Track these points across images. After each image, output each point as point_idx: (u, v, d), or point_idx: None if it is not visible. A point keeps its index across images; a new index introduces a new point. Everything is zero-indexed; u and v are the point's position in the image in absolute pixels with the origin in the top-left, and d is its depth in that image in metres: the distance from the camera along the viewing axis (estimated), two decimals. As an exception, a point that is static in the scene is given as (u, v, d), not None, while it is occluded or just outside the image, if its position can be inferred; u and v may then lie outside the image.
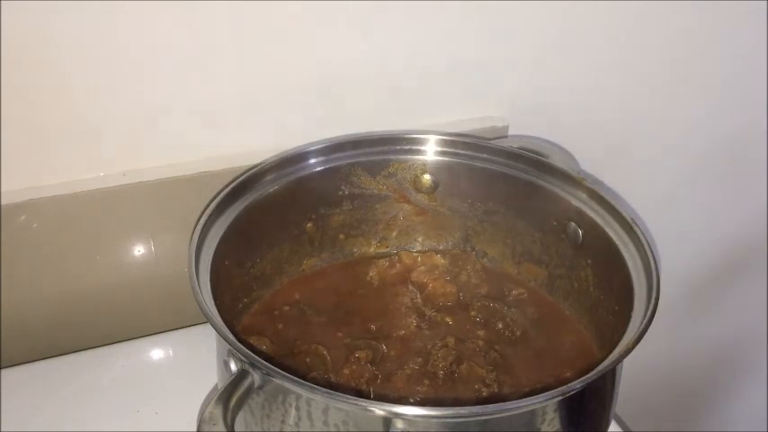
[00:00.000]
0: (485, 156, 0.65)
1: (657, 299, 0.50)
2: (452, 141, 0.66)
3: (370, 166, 0.65)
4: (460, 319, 0.61)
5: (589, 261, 0.61)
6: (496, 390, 0.55)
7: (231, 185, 0.59)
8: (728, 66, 0.87)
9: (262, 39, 0.64)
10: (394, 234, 0.69)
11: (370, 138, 0.66)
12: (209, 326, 0.47)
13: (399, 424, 0.43)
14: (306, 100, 0.69)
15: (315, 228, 0.66)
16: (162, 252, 0.68)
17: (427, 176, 0.67)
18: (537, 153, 0.64)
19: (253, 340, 0.57)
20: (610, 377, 0.51)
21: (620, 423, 0.63)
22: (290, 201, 0.63)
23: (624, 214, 0.57)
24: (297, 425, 0.46)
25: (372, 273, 0.66)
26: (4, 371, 0.63)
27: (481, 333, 0.60)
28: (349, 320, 0.61)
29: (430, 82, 0.73)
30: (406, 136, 0.66)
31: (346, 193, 0.66)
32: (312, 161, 0.63)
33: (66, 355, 0.65)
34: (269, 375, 0.44)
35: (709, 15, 0.82)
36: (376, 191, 0.67)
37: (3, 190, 0.62)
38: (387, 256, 0.68)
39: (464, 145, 0.65)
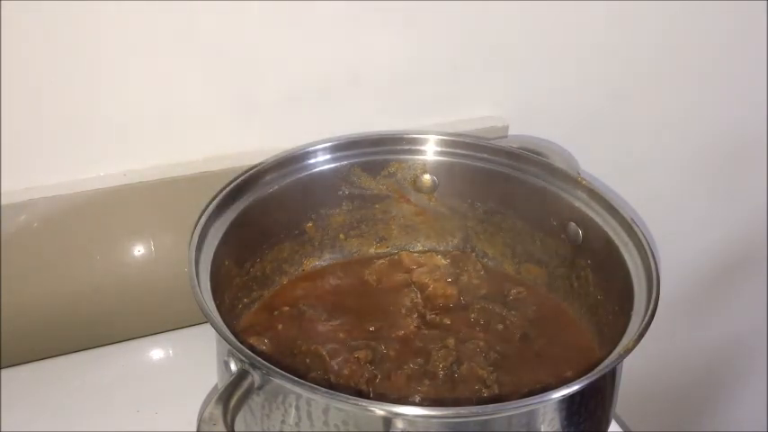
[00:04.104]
0: (485, 156, 0.65)
1: (657, 299, 0.50)
2: (452, 141, 0.66)
3: (370, 166, 0.65)
4: (461, 320, 0.61)
5: (589, 261, 0.61)
6: (497, 390, 0.55)
7: (231, 185, 0.59)
8: (728, 65, 0.87)
9: (262, 39, 0.64)
10: (394, 234, 0.69)
11: (370, 138, 0.66)
12: (209, 326, 0.47)
13: (399, 424, 0.43)
14: (306, 100, 0.69)
15: (315, 228, 0.66)
16: (162, 252, 0.68)
17: (427, 176, 0.67)
18: (537, 153, 0.64)
19: (252, 340, 0.57)
20: (610, 377, 0.51)
21: (620, 423, 0.63)
22: (290, 201, 0.63)
23: (624, 214, 0.57)
24: (297, 425, 0.46)
25: (372, 273, 0.66)
26: (4, 371, 0.63)
27: (481, 334, 0.60)
28: (349, 321, 0.61)
29: (430, 82, 0.73)
30: (406, 136, 0.66)
31: (346, 193, 0.66)
32: (312, 161, 0.63)
33: (66, 355, 0.65)
34: (269, 375, 0.44)
35: (709, 16, 0.82)
36: (376, 191, 0.67)
37: (3, 190, 0.62)
38: (387, 257, 0.68)
39: (464, 145, 0.65)
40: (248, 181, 0.60)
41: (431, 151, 0.66)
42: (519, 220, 0.66)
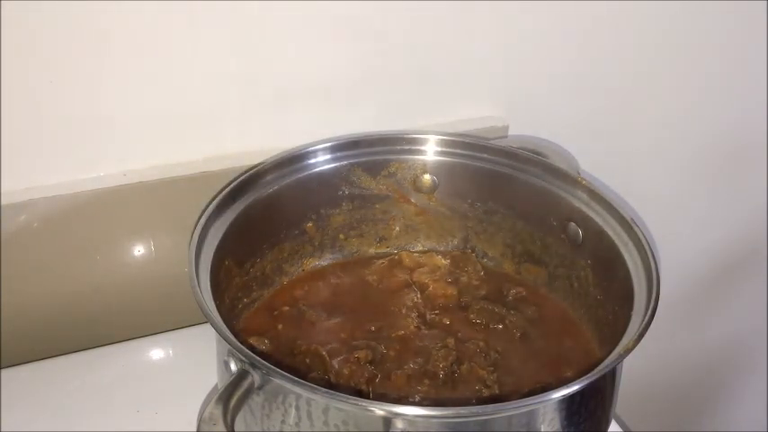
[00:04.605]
0: (485, 156, 0.65)
1: (657, 299, 0.50)
2: (452, 141, 0.66)
3: (370, 166, 0.65)
4: (461, 320, 0.61)
5: (589, 261, 0.61)
6: (497, 390, 0.55)
7: (231, 185, 0.59)
8: (728, 65, 0.87)
9: (262, 39, 0.64)
10: (394, 234, 0.69)
11: (370, 138, 0.66)
12: (209, 326, 0.47)
13: (399, 424, 0.43)
14: (305, 100, 0.69)
15: (315, 228, 0.66)
16: (162, 252, 0.68)
17: (427, 176, 0.67)
18: (537, 153, 0.64)
19: (253, 340, 0.57)
20: (610, 377, 0.51)
21: (620, 423, 0.63)
22: (290, 201, 0.63)
23: (624, 214, 0.57)
24: (297, 425, 0.46)
25: (372, 273, 0.66)
26: (4, 371, 0.63)
27: (481, 334, 0.60)
28: (349, 320, 0.61)
29: (430, 82, 0.73)
30: (406, 136, 0.66)
31: (346, 193, 0.66)
32: (312, 161, 0.63)
33: (66, 355, 0.65)
34: (269, 375, 0.44)
35: (709, 16, 0.82)
36: (376, 191, 0.67)
37: (3, 190, 0.62)
38: (387, 257, 0.68)
39: (464, 145, 0.65)
40: (248, 181, 0.59)
41: (431, 151, 0.66)
42: (519, 220, 0.66)
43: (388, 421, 0.43)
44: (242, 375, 0.44)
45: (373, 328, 0.60)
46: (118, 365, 0.65)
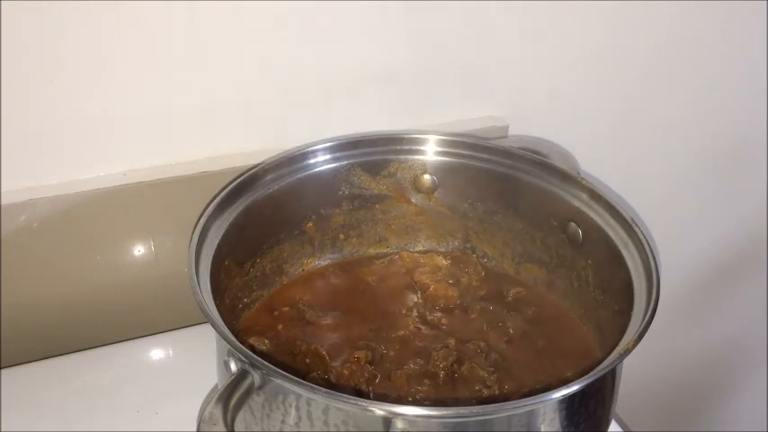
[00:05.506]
0: (485, 156, 0.65)
1: (657, 299, 0.50)
2: (452, 141, 0.66)
3: (370, 166, 0.65)
4: (461, 321, 0.61)
5: (589, 261, 0.61)
6: (497, 391, 0.55)
7: (231, 185, 0.59)
8: (728, 66, 0.87)
9: (262, 39, 0.64)
10: (394, 234, 0.69)
11: (370, 138, 0.66)
12: (209, 326, 0.47)
13: (399, 424, 0.43)
14: (306, 100, 0.69)
15: (315, 228, 0.66)
16: (162, 252, 0.68)
17: (427, 176, 0.67)
18: (537, 153, 0.64)
19: (252, 340, 0.57)
20: (610, 377, 0.51)
21: (620, 423, 0.63)
22: (290, 201, 0.63)
23: (624, 214, 0.57)
24: (297, 425, 0.46)
25: (372, 273, 0.66)
26: (4, 371, 0.63)
27: (482, 334, 0.60)
28: (349, 321, 0.61)
29: (430, 82, 0.73)
30: (406, 136, 0.66)
31: (346, 193, 0.66)
32: (312, 161, 0.63)
33: (67, 355, 0.65)
34: (269, 375, 0.44)
35: (709, 16, 0.82)
36: (376, 191, 0.67)
37: (3, 190, 0.62)
38: (387, 257, 0.68)
39: (464, 145, 0.65)
40: (248, 181, 0.60)
41: (431, 151, 0.66)
42: (519, 220, 0.66)
43: (388, 421, 0.43)
44: (242, 375, 0.44)
45: (373, 328, 0.60)
46: (118, 365, 0.65)
